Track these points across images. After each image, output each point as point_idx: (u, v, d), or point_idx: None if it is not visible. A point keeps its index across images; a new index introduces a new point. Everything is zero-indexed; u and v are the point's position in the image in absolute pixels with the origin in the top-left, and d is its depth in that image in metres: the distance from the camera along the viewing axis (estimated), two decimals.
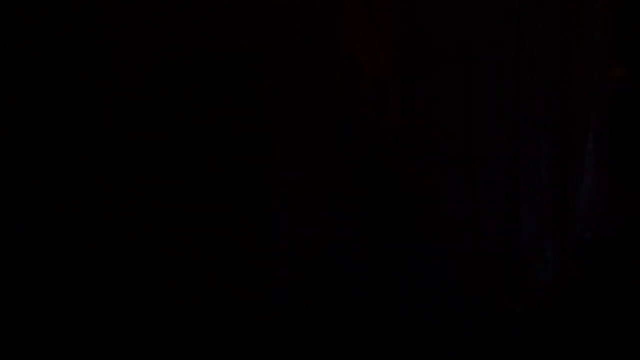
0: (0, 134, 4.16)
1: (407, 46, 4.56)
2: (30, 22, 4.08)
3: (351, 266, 5.02)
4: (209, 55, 4.15)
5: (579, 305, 4.67)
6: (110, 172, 4.23)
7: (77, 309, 4.09)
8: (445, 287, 4.77)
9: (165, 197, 4.24)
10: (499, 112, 4.59)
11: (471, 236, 4.61)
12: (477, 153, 4.58)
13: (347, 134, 5.05)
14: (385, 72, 4.62)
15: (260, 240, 4.22)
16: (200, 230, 4.23)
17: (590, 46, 4.71)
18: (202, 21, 4.15)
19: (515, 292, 4.70)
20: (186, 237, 4.25)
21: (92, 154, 4.22)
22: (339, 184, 4.71)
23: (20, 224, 4.22)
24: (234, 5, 4.15)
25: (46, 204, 4.23)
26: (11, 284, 4.11)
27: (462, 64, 4.52)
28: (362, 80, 5.26)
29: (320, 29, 4.33)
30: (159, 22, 4.15)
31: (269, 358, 4.07)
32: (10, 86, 4.15)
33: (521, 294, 4.69)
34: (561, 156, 4.63)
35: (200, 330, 4.16)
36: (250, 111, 4.18)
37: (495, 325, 4.42)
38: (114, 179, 4.24)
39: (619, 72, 5.49)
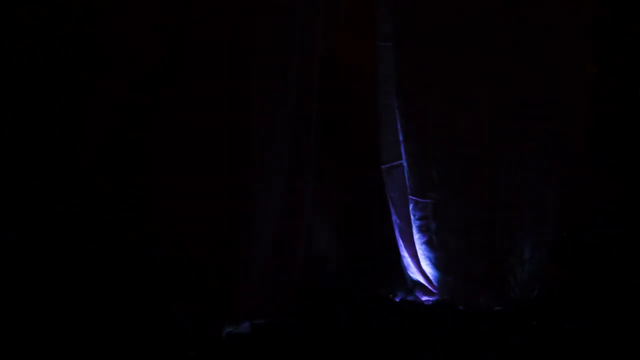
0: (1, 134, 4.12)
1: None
2: (30, 22, 4.05)
3: (329, 266, 5.05)
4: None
5: (556, 303, 4.71)
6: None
7: (74, 307, 4.08)
8: (421, 284, 4.81)
9: (161, 197, 4.25)
10: (474, 112, 4.64)
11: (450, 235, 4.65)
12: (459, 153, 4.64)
13: (332, 135, 5.07)
14: (372, 72, 4.66)
15: (237, 241, 4.22)
16: (183, 229, 4.23)
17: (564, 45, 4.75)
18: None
19: (493, 290, 4.73)
20: (171, 235, 4.25)
21: (91, 154, 4.21)
22: (320, 187, 4.73)
23: (20, 223, 4.19)
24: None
25: (46, 203, 4.20)
26: (10, 283, 4.08)
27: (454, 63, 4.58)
28: (348, 80, 5.27)
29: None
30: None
31: (253, 353, 4.07)
32: (10, 86, 4.11)
33: (499, 292, 4.73)
34: (540, 157, 4.70)
35: (185, 327, 4.16)
36: (235, 117, 4.19)
37: (473, 322, 4.45)
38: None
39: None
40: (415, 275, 4.83)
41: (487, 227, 4.72)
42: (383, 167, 4.77)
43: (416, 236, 4.72)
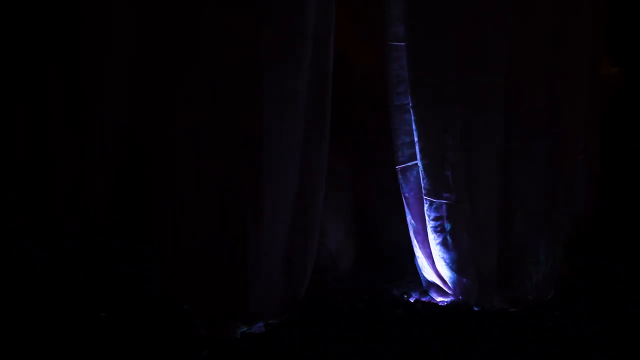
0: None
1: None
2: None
3: (342, 266, 5.04)
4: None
5: (569, 304, 4.68)
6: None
7: (86, 307, 4.11)
8: (436, 285, 4.78)
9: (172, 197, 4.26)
10: (488, 112, 4.61)
11: (465, 236, 4.62)
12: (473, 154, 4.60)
13: (346, 134, 5.04)
14: (385, 72, 4.62)
15: (249, 241, 4.20)
16: (195, 229, 4.23)
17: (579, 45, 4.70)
18: None
19: (507, 292, 4.70)
20: (183, 235, 4.26)
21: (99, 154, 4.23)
22: (333, 187, 4.71)
23: (32, 224, 4.21)
24: None
25: (44, 203, 4.22)
26: (22, 283, 4.11)
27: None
28: (361, 79, 5.24)
29: None
30: None
31: (266, 353, 4.06)
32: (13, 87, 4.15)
33: (514, 293, 4.70)
34: (553, 157, 4.65)
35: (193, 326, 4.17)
36: (244, 114, 4.17)
37: (488, 324, 4.42)
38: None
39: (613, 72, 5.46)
40: (430, 276, 4.81)
41: (502, 228, 4.69)
42: (397, 167, 4.72)
43: (431, 237, 4.69)
